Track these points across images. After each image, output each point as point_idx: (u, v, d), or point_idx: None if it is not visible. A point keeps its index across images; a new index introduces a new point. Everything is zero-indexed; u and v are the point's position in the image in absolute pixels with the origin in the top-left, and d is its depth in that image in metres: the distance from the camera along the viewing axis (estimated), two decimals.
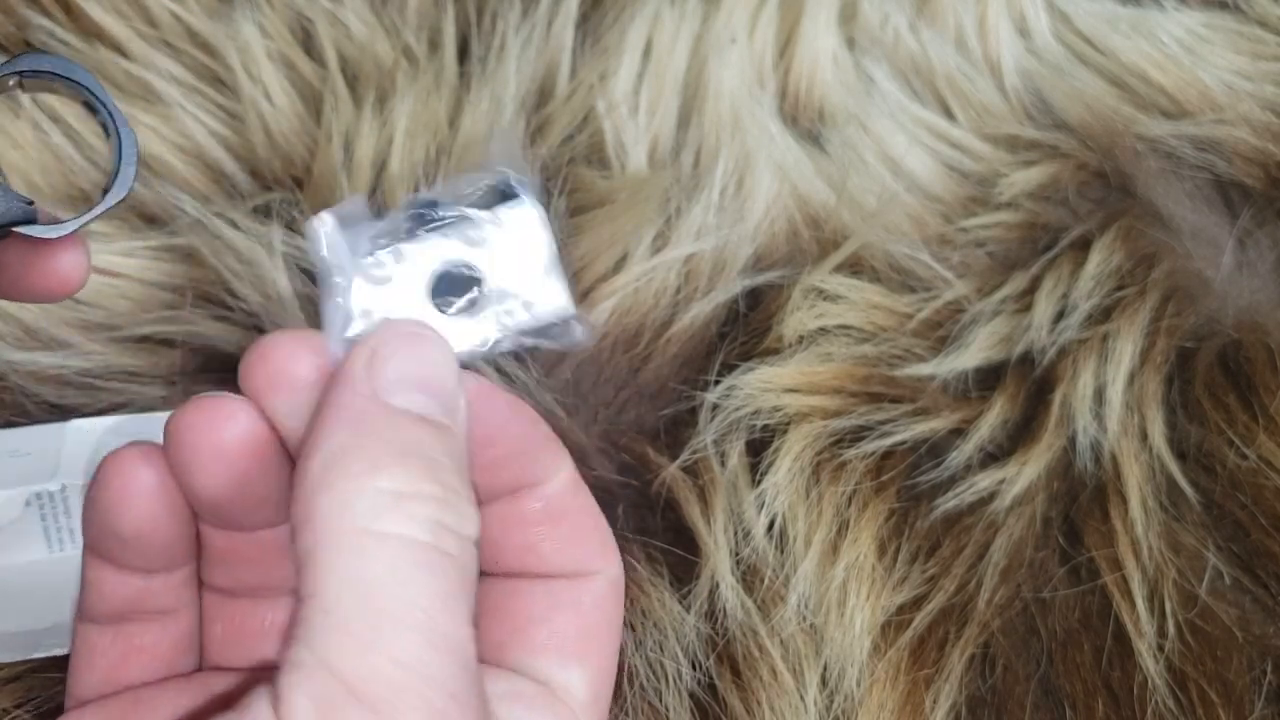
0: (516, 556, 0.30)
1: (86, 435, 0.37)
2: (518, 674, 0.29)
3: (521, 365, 0.41)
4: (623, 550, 0.38)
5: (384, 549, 0.24)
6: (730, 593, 0.38)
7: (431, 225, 0.28)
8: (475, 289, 0.28)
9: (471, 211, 0.28)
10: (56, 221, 0.28)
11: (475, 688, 0.24)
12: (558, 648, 0.30)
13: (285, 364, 0.27)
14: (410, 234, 0.28)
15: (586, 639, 0.30)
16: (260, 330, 0.41)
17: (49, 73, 0.28)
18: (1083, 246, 0.43)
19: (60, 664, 0.37)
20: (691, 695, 0.37)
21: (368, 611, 0.24)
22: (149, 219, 0.44)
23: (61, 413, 0.40)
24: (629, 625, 0.38)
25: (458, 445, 0.27)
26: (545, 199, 0.28)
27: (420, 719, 0.23)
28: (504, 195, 0.28)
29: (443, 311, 0.28)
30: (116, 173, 0.28)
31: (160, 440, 0.28)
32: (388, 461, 0.25)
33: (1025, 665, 0.38)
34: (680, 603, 0.38)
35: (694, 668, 0.37)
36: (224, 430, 0.27)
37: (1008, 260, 0.44)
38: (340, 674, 0.23)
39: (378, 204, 0.28)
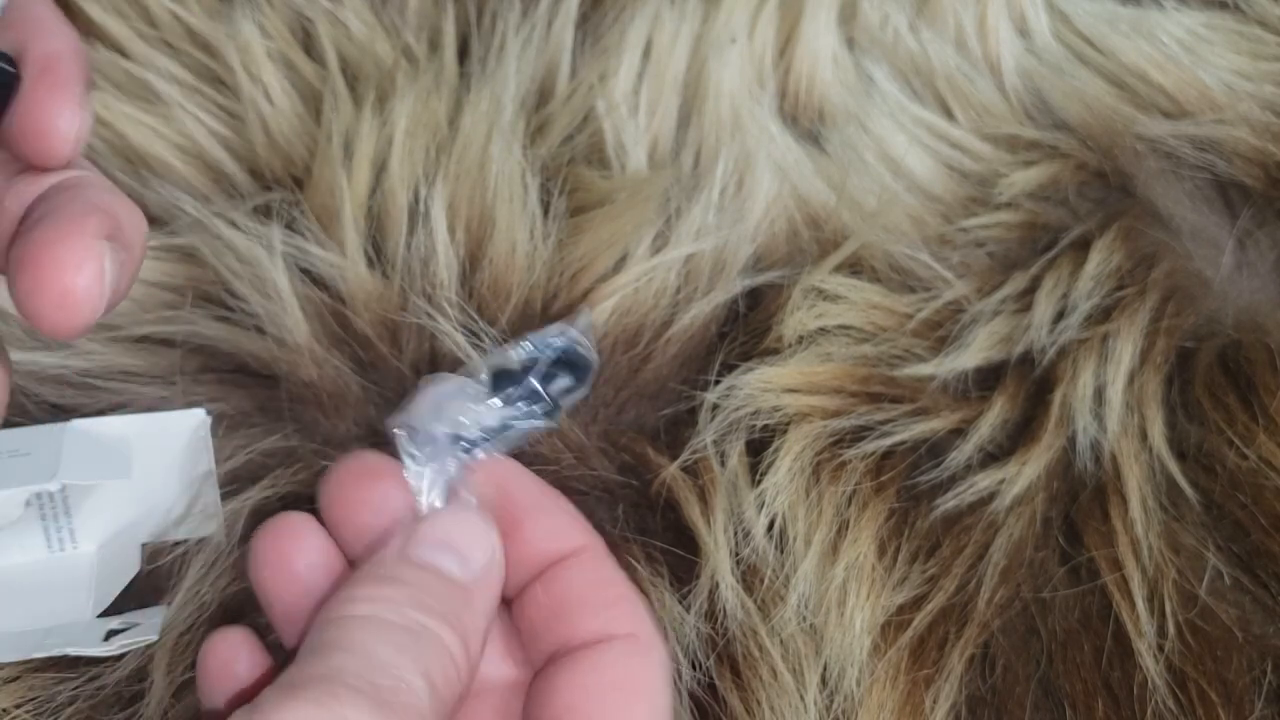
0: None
1: (86, 435, 0.37)
2: None
3: None
4: (623, 550, 0.38)
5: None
6: (730, 593, 0.38)
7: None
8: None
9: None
10: None
11: None
12: None
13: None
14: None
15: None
16: (260, 330, 0.41)
17: None
18: (1083, 246, 0.43)
19: (60, 664, 0.37)
20: (691, 695, 0.37)
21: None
22: (149, 219, 0.44)
23: (61, 413, 0.40)
24: None
25: (472, 600, 0.32)
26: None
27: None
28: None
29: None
30: None
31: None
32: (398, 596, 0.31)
33: (1025, 665, 0.38)
34: (680, 603, 0.38)
35: (694, 668, 0.37)
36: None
37: (1008, 260, 0.44)
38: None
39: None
